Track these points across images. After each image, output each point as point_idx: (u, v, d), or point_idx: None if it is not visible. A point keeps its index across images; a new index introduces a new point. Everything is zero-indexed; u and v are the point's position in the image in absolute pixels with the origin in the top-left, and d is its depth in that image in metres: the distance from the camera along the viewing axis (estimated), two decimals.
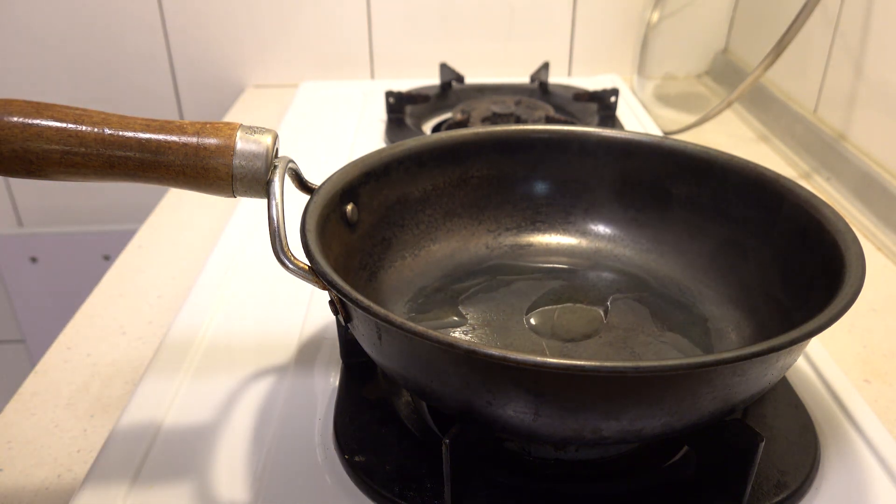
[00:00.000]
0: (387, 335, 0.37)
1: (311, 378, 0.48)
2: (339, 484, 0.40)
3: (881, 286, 0.64)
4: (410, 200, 0.52)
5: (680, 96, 1.12)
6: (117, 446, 0.43)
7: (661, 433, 0.35)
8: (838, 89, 0.83)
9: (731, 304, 0.49)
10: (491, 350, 0.32)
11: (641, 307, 0.51)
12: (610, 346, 0.47)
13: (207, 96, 1.10)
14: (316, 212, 0.42)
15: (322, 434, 0.44)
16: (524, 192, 0.56)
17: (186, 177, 0.39)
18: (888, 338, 0.57)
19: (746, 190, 0.49)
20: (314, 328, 0.53)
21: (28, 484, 0.45)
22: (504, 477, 0.40)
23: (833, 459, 0.42)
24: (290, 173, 0.43)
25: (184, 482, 0.41)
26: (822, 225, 0.43)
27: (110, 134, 0.38)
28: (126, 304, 0.62)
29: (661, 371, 0.32)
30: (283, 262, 0.39)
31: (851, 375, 0.53)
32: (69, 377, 0.54)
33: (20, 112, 0.37)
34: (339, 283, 0.36)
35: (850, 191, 0.78)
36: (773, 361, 0.35)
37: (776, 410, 0.45)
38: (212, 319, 0.54)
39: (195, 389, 0.47)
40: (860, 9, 0.78)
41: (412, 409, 0.45)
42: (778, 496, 0.39)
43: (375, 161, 0.49)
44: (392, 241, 0.51)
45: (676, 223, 0.53)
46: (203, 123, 0.39)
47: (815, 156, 0.85)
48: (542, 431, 0.35)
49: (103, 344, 0.57)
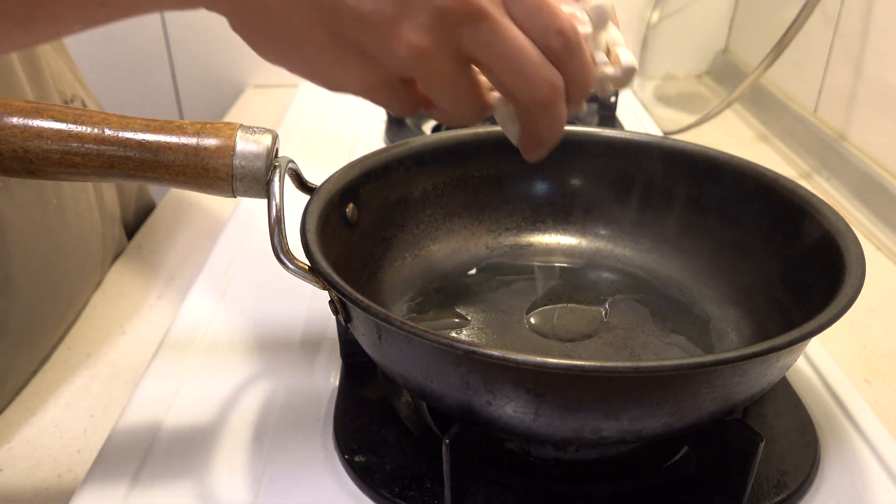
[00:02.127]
0: (387, 335, 0.37)
1: (311, 378, 0.48)
2: (339, 484, 0.40)
3: (881, 286, 0.64)
4: (410, 200, 0.52)
5: (680, 96, 1.12)
6: (117, 446, 0.43)
7: (661, 433, 0.35)
8: (838, 89, 0.83)
9: (731, 304, 0.49)
10: (491, 350, 0.32)
11: (641, 307, 0.51)
12: (610, 347, 0.47)
13: (207, 96, 1.10)
14: (316, 212, 0.42)
15: (322, 434, 0.44)
16: (524, 192, 0.56)
17: (186, 177, 0.39)
18: (888, 338, 0.57)
19: (746, 190, 0.49)
20: (314, 328, 0.53)
21: (28, 484, 0.45)
22: (504, 477, 0.40)
23: (833, 459, 0.42)
24: (290, 173, 0.43)
25: (184, 482, 0.41)
26: (822, 225, 0.43)
27: (110, 134, 0.38)
28: (126, 304, 0.62)
29: (661, 371, 0.32)
30: (283, 262, 0.39)
31: (851, 375, 0.53)
32: (69, 377, 0.54)
33: (20, 112, 0.37)
34: (339, 283, 0.36)
35: (850, 191, 0.78)
36: (773, 361, 0.35)
37: (776, 410, 0.45)
38: (212, 319, 0.54)
39: (195, 389, 0.47)
40: (860, 9, 0.78)
41: (412, 409, 0.45)
42: (778, 496, 0.39)
43: (375, 161, 0.49)
44: (392, 241, 0.51)
45: (676, 223, 0.53)
46: (203, 123, 0.39)
47: (815, 156, 0.85)
48: (542, 431, 0.35)
49: (103, 344, 0.57)
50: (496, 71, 0.33)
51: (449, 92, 0.33)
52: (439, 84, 0.33)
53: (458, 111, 0.35)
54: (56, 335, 0.56)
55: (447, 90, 0.33)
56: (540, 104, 0.34)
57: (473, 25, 0.31)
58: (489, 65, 0.33)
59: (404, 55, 0.31)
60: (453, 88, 0.33)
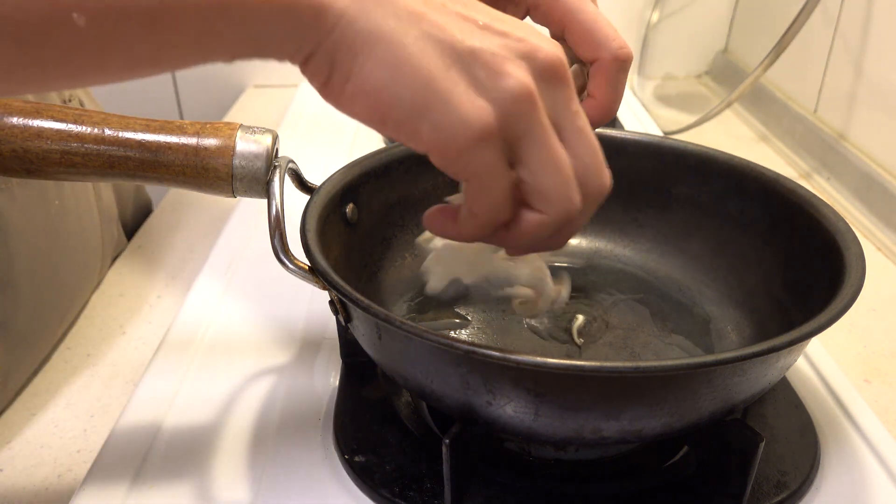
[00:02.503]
0: (387, 335, 0.37)
1: (311, 378, 0.48)
2: (339, 484, 0.40)
3: (881, 286, 0.64)
4: (410, 200, 0.52)
5: (680, 96, 1.12)
6: (117, 446, 0.43)
7: (661, 433, 0.35)
8: (838, 89, 0.83)
9: (731, 304, 0.49)
10: (491, 350, 0.32)
11: (641, 307, 0.51)
12: (610, 347, 0.47)
13: (207, 96, 1.10)
14: (316, 212, 0.42)
15: (322, 434, 0.44)
16: None
17: (186, 177, 0.39)
18: (888, 338, 0.57)
19: (746, 190, 0.49)
20: (314, 328, 0.53)
21: (28, 484, 0.45)
22: (504, 477, 0.40)
23: (833, 459, 0.42)
24: (290, 173, 0.43)
25: (184, 482, 0.41)
26: (822, 225, 0.43)
27: (110, 134, 0.38)
28: (126, 304, 0.62)
29: (661, 371, 0.32)
30: (283, 262, 0.39)
31: (851, 375, 0.53)
32: (69, 377, 0.54)
33: (20, 112, 0.37)
34: (339, 283, 0.36)
35: (850, 191, 0.78)
36: (773, 361, 0.35)
37: (776, 410, 0.45)
38: (212, 319, 0.54)
39: (195, 389, 0.47)
40: (860, 9, 0.78)
41: (412, 409, 0.45)
42: (778, 496, 0.39)
43: (375, 161, 0.49)
44: (392, 241, 0.51)
45: (676, 223, 0.53)
46: (203, 124, 0.39)
47: (815, 156, 0.85)
48: (542, 431, 0.35)
49: (103, 344, 0.57)
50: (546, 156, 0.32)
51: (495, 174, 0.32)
52: (526, 145, 0.31)
53: (493, 201, 0.32)
54: (56, 335, 0.56)
55: (497, 172, 0.31)
56: (564, 215, 0.33)
57: (561, 88, 0.31)
58: (542, 145, 0.32)
59: (515, 87, 0.30)
60: (499, 181, 0.32)
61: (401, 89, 0.30)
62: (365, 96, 0.30)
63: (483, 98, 0.30)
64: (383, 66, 0.30)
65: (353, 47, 0.29)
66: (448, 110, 0.30)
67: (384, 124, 0.31)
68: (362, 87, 0.30)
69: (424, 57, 0.30)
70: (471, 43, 0.30)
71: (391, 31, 0.29)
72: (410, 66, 0.29)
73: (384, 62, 0.29)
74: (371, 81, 0.30)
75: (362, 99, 0.30)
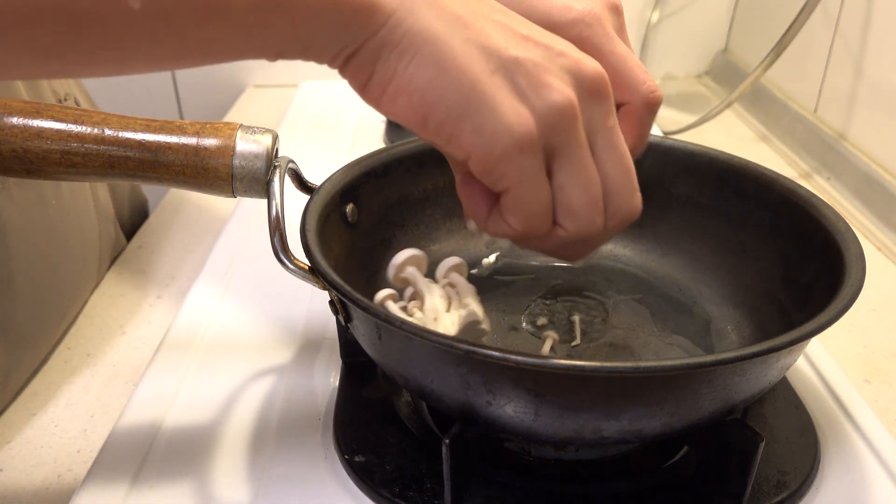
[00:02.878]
0: (387, 335, 0.37)
1: (311, 378, 0.48)
2: (339, 484, 0.40)
3: (881, 286, 0.64)
4: (410, 200, 0.52)
5: (680, 96, 1.12)
6: (117, 446, 0.43)
7: (661, 433, 0.35)
8: (838, 89, 0.83)
9: (731, 304, 0.49)
10: (491, 350, 0.32)
11: (641, 307, 0.51)
12: (610, 347, 0.47)
13: (207, 96, 1.10)
14: (316, 212, 0.42)
15: (322, 434, 0.44)
16: None
17: (186, 177, 0.39)
18: (888, 338, 0.57)
19: (746, 190, 0.49)
20: (314, 328, 0.53)
21: (28, 484, 0.45)
22: (504, 477, 0.40)
23: (833, 459, 0.42)
24: (290, 173, 0.43)
25: (184, 482, 0.41)
26: (822, 225, 0.43)
27: (110, 134, 0.38)
28: (126, 304, 0.62)
29: (661, 371, 0.32)
30: (283, 262, 0.39)
31: (851, 375, 0.53)
32: (69, 377, 0.54)
33: (20, 112, 0.37)
34: (339, 283, 0.36)
35: (850, 191, 0.78)
36: (773, 361, 0.35)
37: (776, 410, 0.45)
38: (212, 319, 0.54)
39: (195, 389, 0.47)
40: (860, 9, 0.78)
41: (412, 409, 0.45)
42: (778, 496, 0.39)
43: (375, 161, 0.49)
44: (392, 241, 0.51)
45: (676, 223, 0.53)
46: (203, 123, 0.39)
47: (815, 156, 0.85)
48: (542, 431, 0.35)
49: (103, 344, 0.57)
50: (577, 166, 0.32)
51: (536, 183, 0.32)
52: (560, 159, 0.31)
53: (531, 213, 0.32)
54: (56, 335, 0.56)
55: (536, 182, 0.31)
56: (582, 235, 0.33)
57: (601, 103, 0.31)
58: (576, 162, 0.32)
59: (558, 99, 0.30)
60: (537, 192, 0.32)
61: (445, 90, 0.29)
62: (408, 96, 0.30)
63: (525, 106, 0.30)
64: (430, 65, 0.29)
65: (399, 47, 0.29)
66: (491, 114, 0.30)
67: (425, 125, 0.31)
68: (406, 86, 0.30)
69: (471, 60, 0.30)
70: (515, 52, 0.30)
71: (439, 33, 0.29)
72: (457, 68, 0.29)
73: (431, 62, 0.29)
74: (416, 81, 0.30)
75: (405, 99, 0.30)
